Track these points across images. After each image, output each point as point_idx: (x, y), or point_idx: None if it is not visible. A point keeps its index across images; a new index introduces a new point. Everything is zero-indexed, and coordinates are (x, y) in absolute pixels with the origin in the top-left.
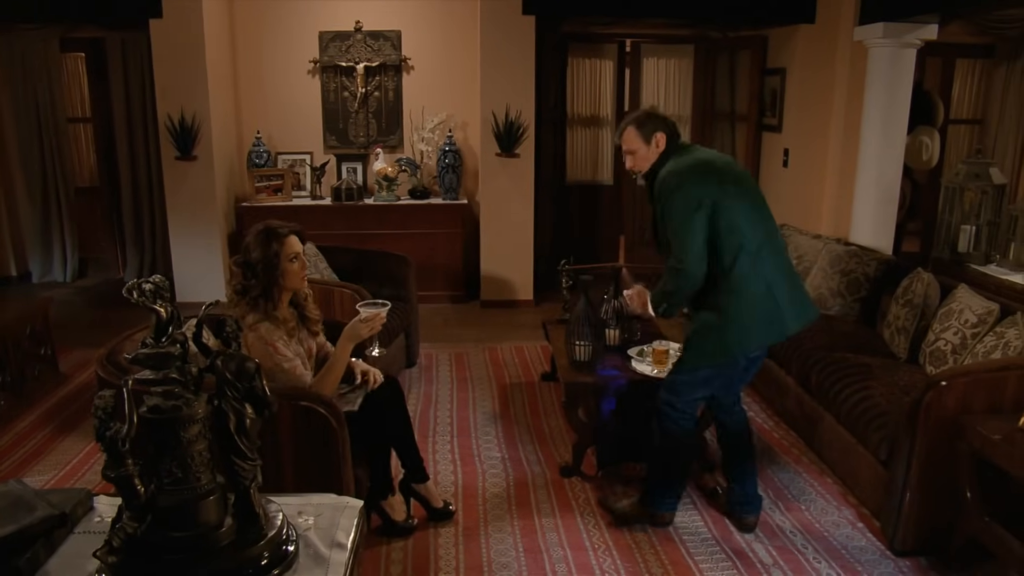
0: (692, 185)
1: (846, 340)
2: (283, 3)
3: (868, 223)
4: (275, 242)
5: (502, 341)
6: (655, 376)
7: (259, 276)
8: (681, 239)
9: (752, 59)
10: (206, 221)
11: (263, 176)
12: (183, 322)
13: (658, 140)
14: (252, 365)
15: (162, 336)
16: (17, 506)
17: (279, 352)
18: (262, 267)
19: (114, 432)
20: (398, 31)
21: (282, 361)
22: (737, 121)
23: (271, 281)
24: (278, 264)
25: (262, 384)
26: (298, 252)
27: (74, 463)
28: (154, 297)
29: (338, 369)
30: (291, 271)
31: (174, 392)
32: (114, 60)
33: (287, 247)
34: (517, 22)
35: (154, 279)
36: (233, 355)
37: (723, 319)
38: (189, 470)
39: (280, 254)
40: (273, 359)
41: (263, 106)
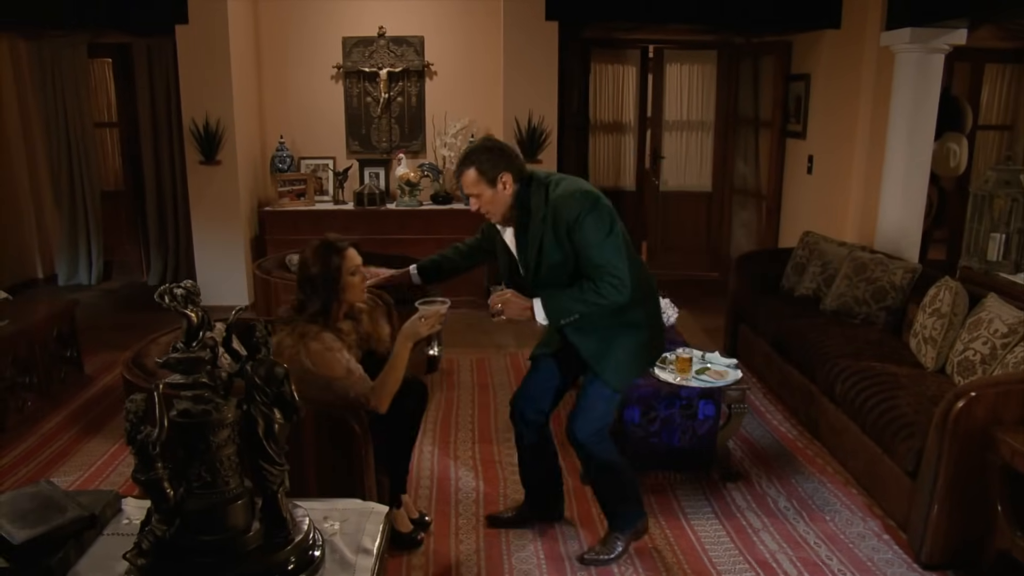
0: (601, 200)
1: (872, 349)
2: (307, 9)
3: (894, 230)
4: (335, 255)
5: (523, 347)
6: (678, 384)
7: (319, 291)
8: (611, 254)
9: (776, 65)
10: (229, 225)
11: (286, 181)
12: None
13: (503, 181)
14: (281, 370)
15: (192, 341)
16: (48, 507)
17: (346, 357)
18: (322, 281)
19: (145, 436)
20: (421, 36)
21: (350, 365)
22: (761, 127)
23: (331, 296)
24: (339, 278)
25: (291, 389)
26: (358, 265)
27: (99, 464)
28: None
29: (398, 371)
30: (352, 284)
31: (204, 396)
32: (140, 66)
33: (348, 260)
34: (540, 27)
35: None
36: (263, 360)
37: (648, 331)
38: (218, 474)
39: (341, 268)
40: (340, 365)
41: (286, 111)
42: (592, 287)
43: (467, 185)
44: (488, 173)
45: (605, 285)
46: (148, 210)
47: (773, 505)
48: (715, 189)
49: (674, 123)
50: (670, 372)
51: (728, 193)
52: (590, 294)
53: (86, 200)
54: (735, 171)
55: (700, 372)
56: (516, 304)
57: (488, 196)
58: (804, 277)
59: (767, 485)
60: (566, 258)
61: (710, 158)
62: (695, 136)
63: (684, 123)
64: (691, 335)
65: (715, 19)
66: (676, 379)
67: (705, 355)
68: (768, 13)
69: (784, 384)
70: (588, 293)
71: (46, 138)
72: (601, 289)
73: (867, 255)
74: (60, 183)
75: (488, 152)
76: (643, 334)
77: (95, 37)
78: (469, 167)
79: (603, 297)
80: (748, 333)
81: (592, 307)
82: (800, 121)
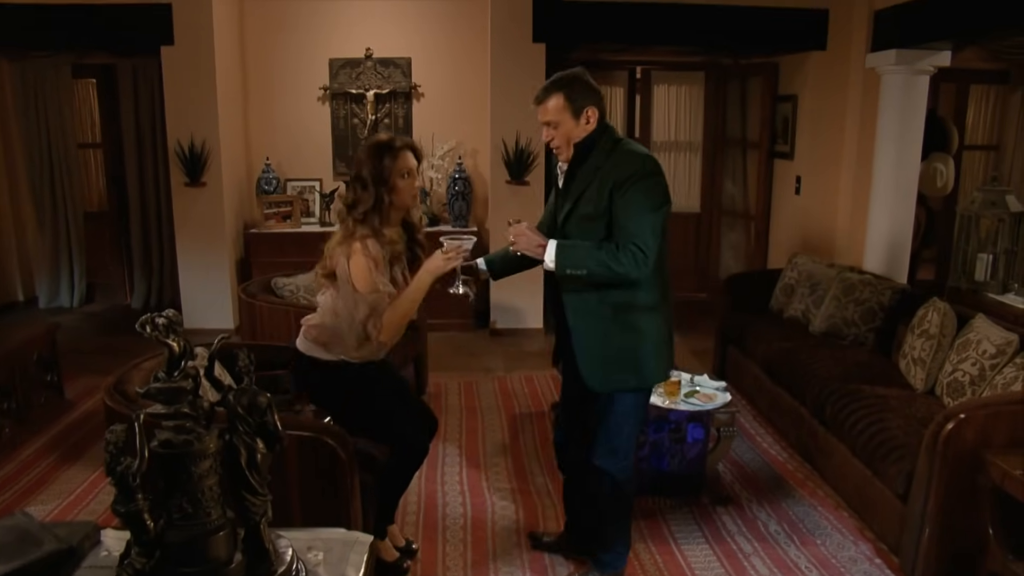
0: (662, 174)
1: (861, 371)
2: (293, 30)
3: (882, 251)
4: (387, 156)
5: (512, 370)
6: (667, 407)
7: (369, 190)
8: (647, 227)
9: (763, 86)
10: (215, 247)
11: (272, 203)
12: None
13: (589, 115)
14: (264, 400)
15: (174, 370)
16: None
17: (379, 271)
18: (372, 181)
19: (125, 467)
20: (408, 58)
21: (379, 283)
22: (748, 148)
23: (381, 196)
24: (389, 179)
25: (274, 419)
26: (411, 168)
27: (78, 492)
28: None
29: (411, 301)
30: (402, 187)
31: (186, 427)
32: (125, 86)
33: (400, 161)
34: (527, 50)
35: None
36: (245, 389)
37: (666, 323)
38: (199, 505)
39: (392, 169)
40: (369, 282)
41: (272, 132)
42: (613, 250)
43: (549, 112)
44: (577, 102)
45: (627, 252)
46: (132, 232)
47: (764, 529)
48: (703, 210)
49: (662, 144)
50: (659, 396)
51: (716, 214)
52: (607, 255)
53: (69, 221)
54: (723, 192)
55: (689, 395)
56: (530, 238)
57: (568, 128)
58: (793, 298)
59: (757, 509)
60: (598, 215)
61: (698, 179)
62: (683, 157)
63: (672, 144)
64: (680, 358)
65: (702, 41)
66: (665, 403)
67: (694, 378)
68: (755, 35)
69: (774, 406)
70: (606, 253)
71: (28, 158)
72: (621, 255)
73: (855, 276)
74: (42, 204)
75: (579, 81)
76: (662, 330)
77: (79, 58)
78: (557, 91)
79: (620, 263)
80: (737, 355)
81: (604, 270)
82: (787, 142)
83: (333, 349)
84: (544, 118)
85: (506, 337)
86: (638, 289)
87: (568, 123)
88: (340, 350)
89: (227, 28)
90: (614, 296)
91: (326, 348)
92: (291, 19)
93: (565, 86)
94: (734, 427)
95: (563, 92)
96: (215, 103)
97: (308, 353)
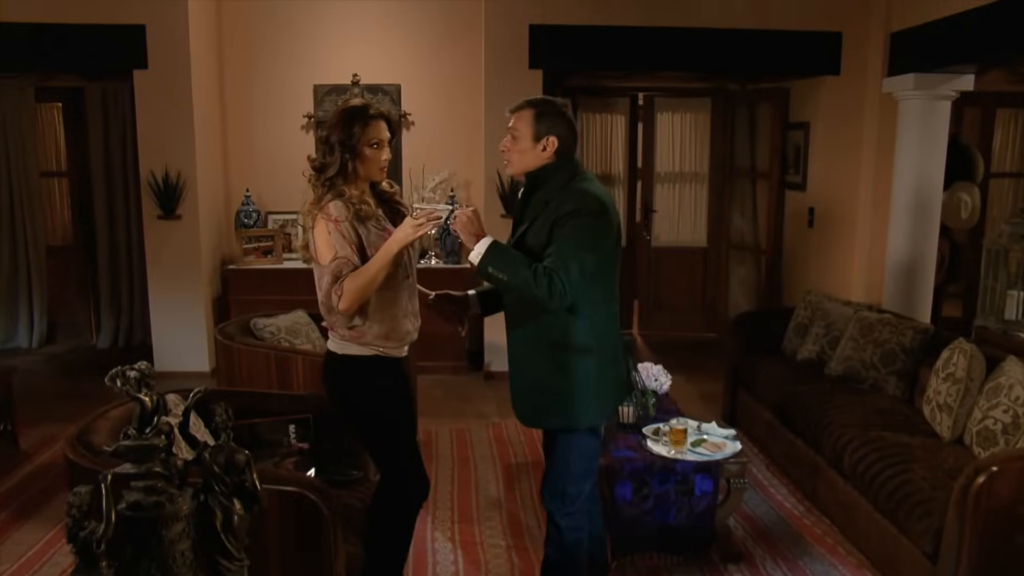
0: (605, 218)
1: (882, 417)
2: (276, 55)
3: (902, 288)
4: (358, 123)
5: (507, 416)
6: (673, 457)
7: (336, 155)
8: (575, 266)
9: (773, 112)
10: (189, 285)
11: (252, 237)
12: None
13: (547, 143)
14: (243, 458)
15: (146, 427)
16: None
17: (340, 232)
18: (339, 147)
19: (89, 532)
20: (397, 85)
21: (336, 247)
22: (758, 178)
23: (345, 164)
24: (356, 146)
25: (252, 478)
26: (382, 139)
27: (31, 554)
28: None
29: (376, 270)
30: (369, 156)
31: (157, 487)
32: (93, 111)
33: (371, 130)
34: (523, 76)
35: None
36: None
37: (599, 366)
38: (170, 572)
39: (360, 136)
40: (330, 243)
41: (253, 162)
42: (540, 272)
43: (515, 120)
44: (542, 125)
45: (550, 280)
46: (100, 267)
47: None
48: (710, 244)
49: (666, 175)
50: (664, 445)
51: (724, 248)
52: (531, 273)
53: (29, 255)
54: (731, 225)
55: (696, 444)
56: (472, 223)
57: (524, 145)
58: (807, 339)
59: (772, 567)
60: (539, 249)
61: (705, 211)
62: (689, 188)
63: (677, 174)
64: (686, 403)
65: (709, 65)
66: (670, 452)
67: (701, 425)
68: (764, 59)
69: (788, 455)
70: (531, 272)
71: None
72: (542, 280)
73: (874, 315)
74: (0, 236)
75: (555, 109)
76: (596, 366)
77: (44, 80)
78: (529, 107)
79: (539, 287)
80: (748, 399)
81: (522, 284)
82: (799, 172)
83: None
84: (509, 124)
85: (501, 381)
86: (573, 330)
87: (526, 140)
88: (369, 338)
89: (205, 51)
90: (553, 334)
91: (362, 343)
92: (273, 42)
93: (538, 106)
94: (745, 478)
95: (534, 110)
96: (191, 131)
97: (344, 352)
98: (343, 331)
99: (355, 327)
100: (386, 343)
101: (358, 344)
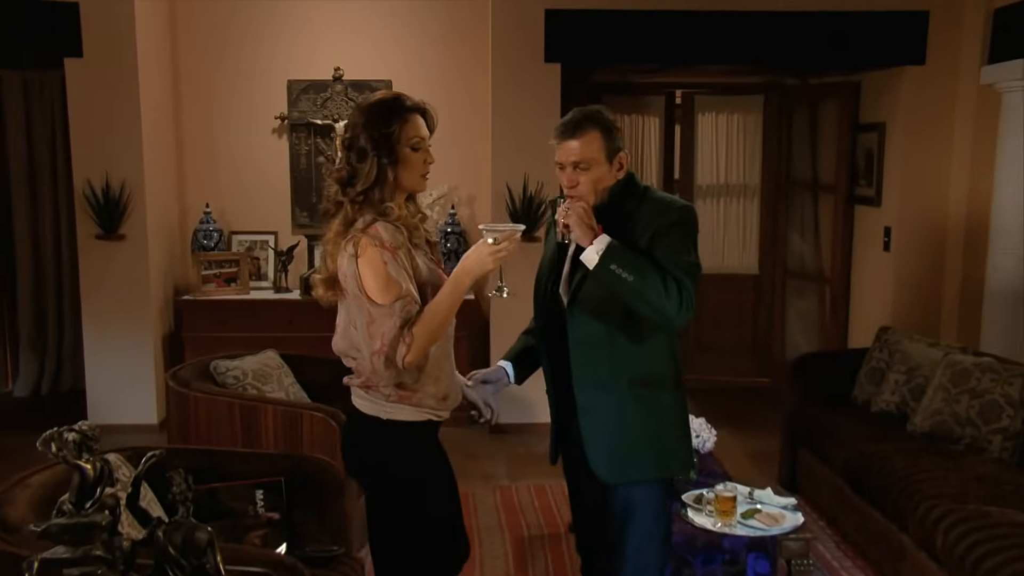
0: (697, 221)
1: (984, 487)
2: (242, 45)
3: (1006, 325)
4: (395, 119)
5: (518, 478)
6: (719, 531)
7: (369, 161)
8: (693, 276)
9: (840, 111)
10: (134, 319)
11: (212, 262)
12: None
13: (622, 160)
14: (204, 536)
15: (86, 500)
16: None
17: (399, 264)
18: (373, 151)
19: None
20: (388, 81)
21: (401, 282)
22: (821, 192)
23: (384, 172)
24: (396, 148)
25: (216, 561)
26: (424, 137)
27: None
28: (79, 450)
29: (446, 309)
30: (412, 162)
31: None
32: (13, 108)
33: (410, 127)
34: (538, 72)
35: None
36: (180, 523)
37: (684, 401)
38: None
39: (400, 135)
40: (392, 279)
41: (215, 173)
42: (668, 276)
43: (579, 150)
44: (613, 143)
45: (679, 287)
46: (20, 297)
47: None
48: (763, 271)
49: (709, 188)
50: (708, 516)
51: (780, 276)
52: (663, 280)
53: None
54: (788, 248)
55: (748, 516)
56: (585, 221)
57: (600, 172)
58: (883, 387)
59: None
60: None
61: (756, 231)
62: (736, 204)
63: (722, 187)
64: (735, 465)
65: (761, 56)
66: (717, 525)
67: (754, 492)
68: (829, 47)
69: (863, 530)
70: (661, 278)
71: None
72: (672, 288)
73: (970, 359)
74: None
75: (611, 119)
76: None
77: None
78: (593, 128)
79: (667, 291)
80: (811, 460)
81: (651, 289)
82: (872, 183)
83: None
84: (571, 158)
85: (511, 435)
86: (660, 356)
87: (601, 167)
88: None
89: (155, 37)
90: (636, 366)
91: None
92: (239, 30)
93: (601, 123)
94: (810, 558)
95: (599, 130)
96: (138, 132)
97: (389, 417)
98: (388, 390)
99: (405, 385)
100: (442, 405)
101: (410, 406)
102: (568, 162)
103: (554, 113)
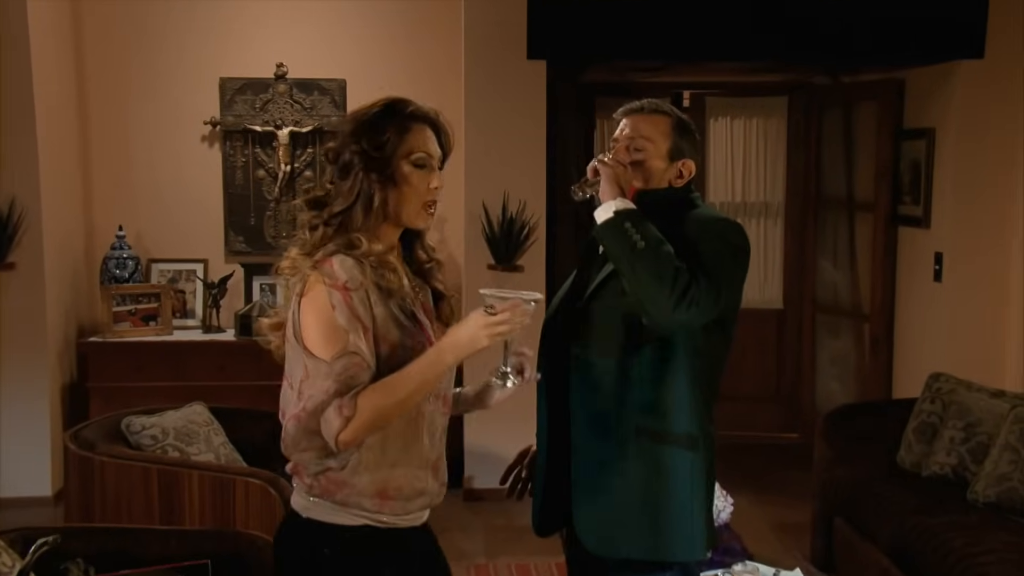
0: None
1: None
2: (165, 37)
3: None
4: (391, 127)
5: (496, 555)
6: None
7: (354, 178)
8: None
9: (880, 115)
10: (27, 365)
11: (127, 296)
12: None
13: (683, 167)
14: None
15: None
16: None
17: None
18: (362, 165)
19: None
20: (341, 81)
21: (349, 335)
22: (858, 211)
23: (371, 194)
24: (392, 163)
25: None
26: (430, 153)
27: None
28: None
29: (413, 386)
30: (411, 184)
31: None
32: None
33: (412, 139)
34: (520, 70)
35: None
36: None
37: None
38: None
39: (398, 148)
40: (334, 327)
41: (130, 190)
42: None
43: (642, 126)
44: (683, 141)
45: (690, 277)
46: None
47: None
48: (788, 305)
49: (723, 206)
50: None
51: (809, 312)
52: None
53: None
54: (819, 278)
55: None
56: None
57: (656, 163)
58: (937, 446)
59: None
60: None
61: (779, 257)
62: (755, 226)
63: (738, 205)
64: (756, 538)
65: (785, 50)
66: None
67: (780, 573)
68: (868, 38)
69: None
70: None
71: None
72: (683, 275)
73: None
74: None
75: (692, 129)
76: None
77: None
78: (665, 116)
79: (676, 279)
80: (850, 535)
81: (653, 259)
82: (919, 201)
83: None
84: (636, 132)
85: (488, 502)
86: (675, 409)
87: (657, 160)
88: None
89: (53, 28)
90: (642, 410)
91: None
92: (160, 18)
93: (676, 117)
94: None
95: (671, 119)
96: (33, 141)
97: (308, 515)
98: (309, 479)
99: (329, 471)
100: (383, 506)
101: (331, 503)
102: (623, 137)
103: (539, 119)
